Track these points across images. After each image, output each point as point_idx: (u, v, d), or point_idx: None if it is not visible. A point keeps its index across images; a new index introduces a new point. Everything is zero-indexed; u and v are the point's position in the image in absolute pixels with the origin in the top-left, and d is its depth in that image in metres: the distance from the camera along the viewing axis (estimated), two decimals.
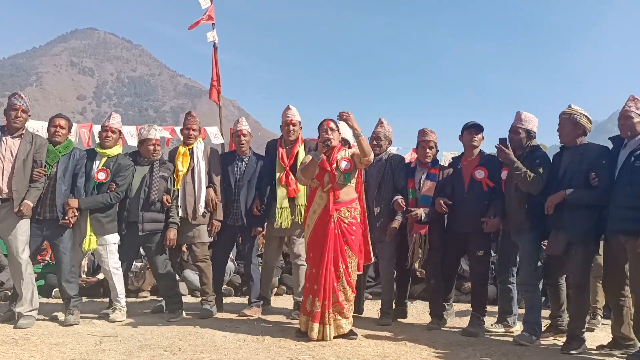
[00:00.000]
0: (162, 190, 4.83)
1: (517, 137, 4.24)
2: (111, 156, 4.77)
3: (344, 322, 4.10)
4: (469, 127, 4.57)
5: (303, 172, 4.20)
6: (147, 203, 4.76)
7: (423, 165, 4.75)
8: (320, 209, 4.16)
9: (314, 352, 3.70)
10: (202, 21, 8.23)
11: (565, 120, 4.00)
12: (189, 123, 5.13)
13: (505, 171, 4.25)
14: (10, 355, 3.48)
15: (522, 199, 4.13)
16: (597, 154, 3.85)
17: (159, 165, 4.88)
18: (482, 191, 4.41)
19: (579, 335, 3.89)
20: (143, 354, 3.55)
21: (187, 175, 5.00)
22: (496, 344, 4.13)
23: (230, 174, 5.12)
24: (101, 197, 4.64)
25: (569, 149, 4.01)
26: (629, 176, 3.59)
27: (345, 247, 4.11)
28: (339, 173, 4.16)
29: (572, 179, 3.86)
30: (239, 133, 5.19)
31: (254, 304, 5.11)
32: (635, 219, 3.51)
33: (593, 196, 3.78)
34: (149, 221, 4.79)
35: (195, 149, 5.08)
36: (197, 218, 4.95)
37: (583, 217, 3.79)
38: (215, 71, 8.39)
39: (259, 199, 5.07)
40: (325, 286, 4.01)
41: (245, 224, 5.07)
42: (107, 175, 4.67)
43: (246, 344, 3.89)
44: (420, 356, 3.70)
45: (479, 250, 4.45)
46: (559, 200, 3.83)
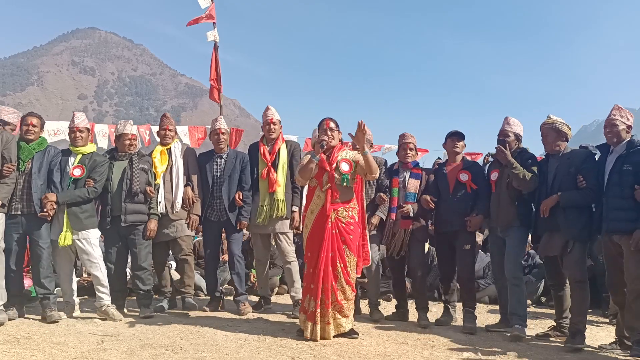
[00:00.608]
0: (143, 182, 4.93)
1: (507, 140, 4.53)
2: (85, 153, 4.84)
3: (344, 321, 4.09)
4: (451, 135, 4.91)
5: (301, 172, 4.19)
6: (130, 194, 4.86)
7: (405, 166, 5.01)
8: (318, 208, 4.16)
9: (315, 352, 3.70)
10: (202, 20, 8.24)
11: (548, 129, 4.29)
12: (164, 124, 5.32)
13: (496, 172, 4.57)
14: (12, 354, 3.48)
15: (512, 198, 4.41)
16: (583, 158, 4.15)
17: (138, 158, 5.02)
18: (466, 192, 4.74)
19: (582, 330, 4.02)
20: (144, 353, 3.56)
21: (166, 174, 5.16)
22: (497, 343, 4.13)
23: (208, 172, 5.26)
24: (79, 191, 4.68)
25: (554, 156, 4.28)
26: (619, 179, 3.82)
27: (344, 246, 4.11)
28: (338, 174, 4.16)
29: (562, 183, 4.14)
30: (217, 131, 5.31)
31: (241, 296, 5.19)
32: (627, 218, 3.74)
33: (582, 197, 4.06)
34: (132, 212, 4.88)
35: (173, 149, 5.25)
36: (176, 213, 5.12)
37: (576, 218, 4.05)
38: (216, 70, 8.40)
39: (240, 191, 5.18)
40: (321, 285, 4.01)
41: (229, 218, 5.15)
42: (82, 172, 4.74)
43: (247, 343, 3.89)
44: (422, 355, 3.70)
45: (465, 245, 4.72)
46: (553, 204, 4.09)
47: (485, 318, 5.14)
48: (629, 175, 3.78)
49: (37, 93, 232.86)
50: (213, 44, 8.42)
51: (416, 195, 4.87)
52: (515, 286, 4.42)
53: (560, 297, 4.39)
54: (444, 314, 4.93)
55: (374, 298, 5.09)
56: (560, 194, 4.08)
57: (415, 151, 5.10)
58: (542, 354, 3.83)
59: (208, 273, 5.39)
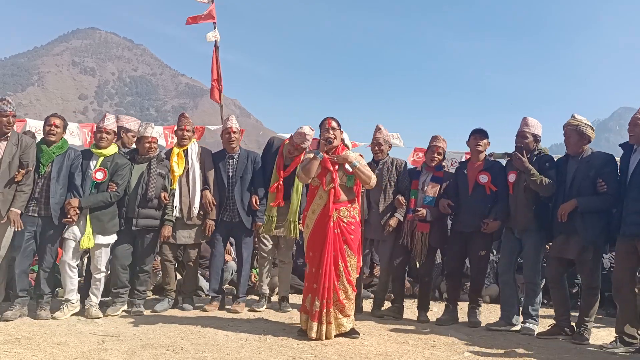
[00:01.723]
0: (159, 187, 4.91)
1: (525, 141, 4.50)
2: (107, 155, 4.81)
3: (345, 321, 4.09)
4: (474, 132, 4.89)
5: (304, 170, 4.19)
6: (144, 200, 4.85)
7: (428, 169, 5.01)
8: (319, 208, 4.16)
9: (316, 351, 3.70)
10: (201, 20, 8.21)
11: (572, 131, 4.22)
12: (182, 124, 5.20)
13: (513, 174, 4.52)
14: (13, 354, 3.48)
15: (530, 201, 4.39)
16: (604, 161, 4.07)
17: (156, 163, 4.98)
18: (485, 194, 4.69)
19: (588, 328, 4.16)
20: (145, 353, 3.56)
21: (182, 177, 5.08)
22: (498, 342, 4.13)
23: (222, 172, 5.19)
24: (101, 195, 4.69)
25: (574, 158, 4.23)
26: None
27: (345, 246, 4.11)
28: (341, 174, 4.16)
29: (580, 186, 4.09)
30: (229, 130, 5.22)
31: (240, 299, 5.21)
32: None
33: (602, 202, 4.00)
34: (144, 217, 4.87)
35: (190, 151, 5.16)
36: (192, 219, 5.07)
37: (594, 223, 4.01)
38: (217, 70, 8.39)
39: (255, 193, 5.14)
40: (325, 285, 4.01)
41: (242, 220, 5.12)
42: (105, 175, 4.73)
43: (248, 343, 3.89)
44: (423, 355, 3.70)
45: (481, 250, 4.74)
46: (571, 209, 4.06)
47: (485, 317, 5.13)
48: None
49: (38, 93, 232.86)
50: (214, 44, 8.41)
51: (434, 199, 4.86)
52: (532, 291, 4.51)
53: (561, 296, 4.39)
54: (446, 313, 4.93)
55: (379, 299, 5.17)
56: (578, 198, 4.04)
57: (444, 156, 5.08)
58: (543, 353, 3.83)
59: (214, 271, 5.26)
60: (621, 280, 3.94)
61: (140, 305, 4.94)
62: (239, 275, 5.30)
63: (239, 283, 5.28)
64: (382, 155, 5.11)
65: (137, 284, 4.98)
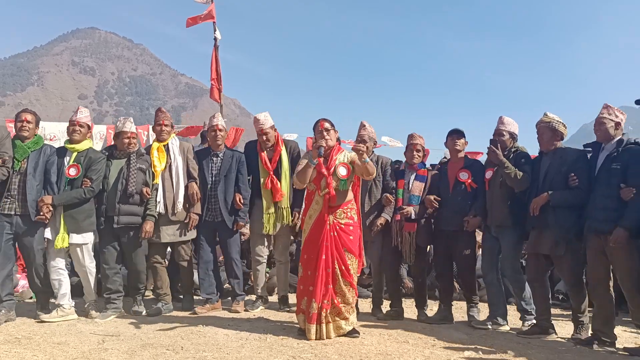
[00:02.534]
0: (140, 183, 4.79)
1: (502, 139, 4.58)
2: (81, 151, 4.69)
3: (343, 323, 4.07)
4: (451, 133, 4.94)
5: (298, 176, 4.15)
6: (125, 195, 4.72)
7: (411, 167, 5.00)
8: (316, 213, 4.14)
9: (316, 351, 3.70)
10: (200, 20, 8.21)
11: (545, 128, 4.30)
12: (160, 119, 5.09)
13: (490, 171, 4.60)
14: (13, 354, 3.48)
15: (505, 197, 4.45)
16: (576, 157, 4.15)
17: (136, 157, 4.85)
18: (466, 192, 4.76)
19: (585, 322, 4.16)
20: (145, 353, 3.56)
21: (165, 172, 4.98)
22: (498, 342, 4.13)
23: (206, 170, 5.12)
24: (75, 192, 4.56)
25: (547, 154, 4.30)
26: (607, 178, 3.84)
27: (343, 249, 4.07)
28: (336, 179, 4.13)
29: (553, 181, 4.16)
30: (215, 128, 5.15)
31: (239, 297, 5.20)
32: (611, 218, 3.76)
33: (573, 196, 4.06)
34: (126, 214, 4.74)
35: (171, 145, 5.05)
36: (177, 214, 4.96)
37: (566, 217, 4.07)
38: (216, 70, 8.40)
39: (240, 193, 5.08)
40: (320, 288, 3.99)
41: (224, 219, 5.06)
42: (78, 171, 4.59)
43: (248, 343, 3.89)
44: (423, 354, 3.70)
45: (465, 250, 4.78)
46: (543, 202, 4.12)
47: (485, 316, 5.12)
48: (617, 175, 3.79)
49: (38, 93, 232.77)
50: (213, 44, 8.41)
51: (420, 197, 4.88)
52: (518, 288, 4.58)
53: (542, 294, 4.39)
54: (437, 312, 4.96)
55: (377, 299, 5.18)
56: (550, 192, 4.10)
57: (423, 152, 5.07)
58: (543, 352, 3.83)
59: (203, 273, 5.17)
60: (596, 278, 3.99)
61: (140, 304, 4.91)
62: (233, 274, 5.21)
63: (235, 282, 5.22)
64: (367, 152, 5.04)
65: (132, 284, 4.91)
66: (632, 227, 3.69)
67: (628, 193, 3.71)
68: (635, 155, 3.76)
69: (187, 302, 5.20)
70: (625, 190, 3.73)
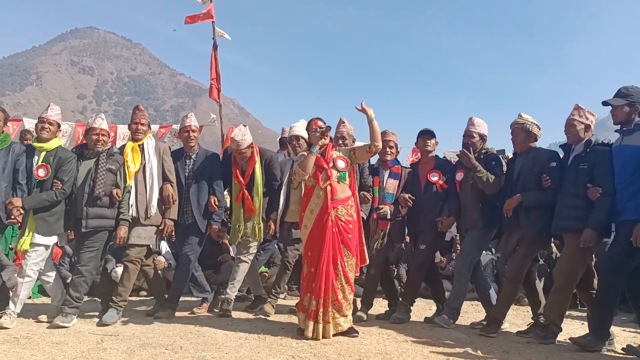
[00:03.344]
0: (109, 184, 4.46)
1: (472, 140, 4.60)
2: (50, 150, 4.42)
3: (342, 321, 4.09)
4: (422, 134, 4.93)
5: (301, 166, 4.18)
6: (92, 198, 4.39)
7: (384, 165, 4.97)
8: (318, 208, 4.15)
9: (315, 350, 3.70)
10: (199, 19, 8.21)
11: (519, 129, 4.33)
12: (137, 117, 4.83)
13: (461, 173, 4.63)
14: (12, 354, 3.48)
15: (476, 199, 4.49)
16: (548, 157, 4.20)
17: (106, 158, 4.51)
18: (436, 193, 4.74)
19: (500, 320, 4.30)
20: (144, 353, 3.55)
21: (139, 173, 4.70)
22: (498, 342, 4.13)
23: (180, 172, 4.93)
24: (46, 194, 4.30)
25: (521, 155, 4.34)
26: (575, 177, 3.91)
27: (342, 246, 4.10)
28: (335, 171, 4.17)
29: (525, 181, 4.20)
30: (188, 128, 4.97)
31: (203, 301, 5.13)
32: (577, 217, 3.83)
33: (545, 196, 4.09)
34: (94, 217, 4.41)
35: (146, 145, 4.78)
36: (150, 218, 4.68)
37: (539, 217, 4.11)
38: (216, 69, 8.39)
39: (214, 195, 4.93)
40: (322, 284, 4.00)
41: (196, 221, 4.88)
42: (47, 172, 4.34)
43: (247, 342, 3.89)
44: (422, 354, 3.70)
45: (422, 244, 4.78)
46: (516, 204, 4.16)
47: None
48: (584, 174, 3.86)
49: (36, 93, 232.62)
50: (213, 43, 8.41)
51: (394, 195, 4.84)
52: (458, 281, 4.62)
53: (533, 293, 4.51)
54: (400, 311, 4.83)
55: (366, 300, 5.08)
56: (522, 194, 4.15)
57: (396, 149, 5.01)
58: (543, 352, 3.83)
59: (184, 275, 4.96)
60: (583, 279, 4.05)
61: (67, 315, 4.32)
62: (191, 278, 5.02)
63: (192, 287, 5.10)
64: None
65: (69, 288, 4.45)
66: (599, 227, 3.77)
67: (594, 193, 3.78)
68: (602, 156, 3.84)
69: (157, 307, 4.97)
70: (592, 190, 3.80)
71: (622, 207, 3.70)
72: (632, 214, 3.63)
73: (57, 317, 4.32)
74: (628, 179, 3.69)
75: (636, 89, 3.88)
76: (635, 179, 3.66)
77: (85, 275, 4.41)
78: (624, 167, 3.72)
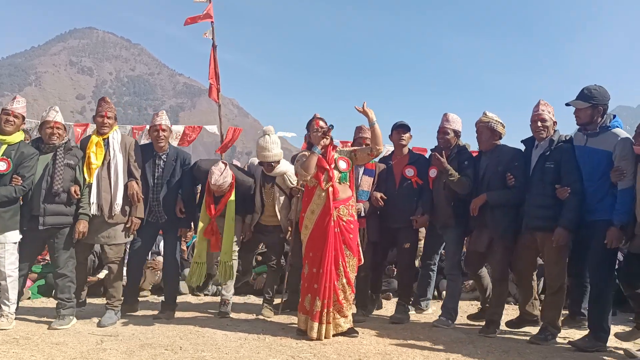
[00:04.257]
0: (67, 180, 4.33)
1: (447, 137, 4.62)
2: (12, 144, 4.25)
3: (342, 321, 4.10)
4: (397, 127, 4.88)
5: (303, 167, 4.17)
6: (50, 194, 4.25)
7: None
8: (319, 208, 4.16)
9: (315, 350, 3.70)
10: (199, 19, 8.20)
11: (483, 128, 4.38)
12: (103, 110, 4.57)
13: (434, 169, 4.63)
14: (12, 354, 3.48)
15: (449, 198, 4.54)
16: (512, 156, 4.26)
17: (63, 152, 4.37)
18: (412, 188, 4.75)
19: (497, 320, 4.36)
20: (144, 353, 3.55)
21: (103, 169, 4.49)
22: (497, 342, 4.13)
23: (148, 173, 4.72)
24: (4, 189, 4.12)
25: (485, 154, 4.42)
26: (541, 176, 3.96)
27: (344, 246, 4.11)
28: (337, 172, 4.18)
29: (490, 180, 4.28)
30: (157, 127, 4.70)
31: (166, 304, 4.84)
32: (547, 216, 3.91)
33: (510, 195, 4.18)
34: (52, 214, 4.28)
35: (111, 140, 4.55)
36: (114, 216, 4.49)
37: (503, 216, 4.21)
38: (215, 70, 8.38)
39: (182, 200, 4.80)
40: (326, 285, 4.01)
41: (169, 219, 4.76)
42: (8, 166, 4.16)
43: (247, 343, 3.88)
44: (422, 354, 3.70)
45: (405, 243, 4.79)
46: (481, 203, 4.26)
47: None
48: (550, 173, 3.92)
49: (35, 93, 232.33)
50: (211, 43, 8.40)
51: (369, 193, 4.81)
52: (452, 282, 4.71)
53: (479, 282, 4.75)
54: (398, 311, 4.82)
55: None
56: (487, 193, 4.23)
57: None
58: (542, 352, 3.83)
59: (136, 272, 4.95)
60: (525, 271, 4.28)
61: (64, 317, 4.32)
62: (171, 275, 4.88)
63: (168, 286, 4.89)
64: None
65: (57, 292, 4.41)
66: (570, 226, 3.86)
67: (564, 193, 3.85)
68: (566, 154, 3.91)
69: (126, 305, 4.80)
70: (561, 190, 3.86)
71: (593, 207, 3.83)
72: (605, 214, 3.76)
73: (54, 322, 4.31)
74: (597, 181, 3.83)
75: (600, 89, 3.92)
76: (605, 181, 3.80)
77: (69, 276, 4.40)
78: (594, 170, 3.84)
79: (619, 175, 3.69)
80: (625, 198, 3.67)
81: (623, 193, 3.69)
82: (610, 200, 3.76)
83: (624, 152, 3.71)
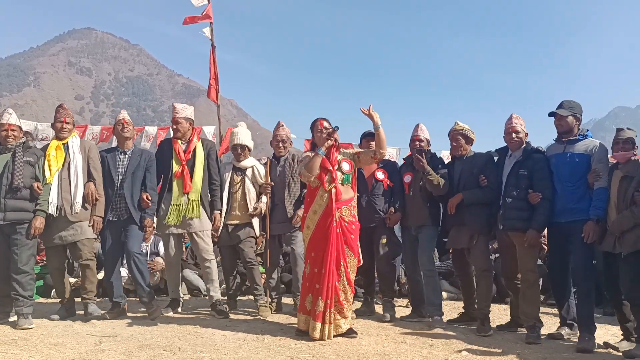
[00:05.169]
0: (28, 176, 4.47)
1: (421, 144, 4.92)
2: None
3: (342, 322, 4.10)
4: (365, 135, 5.19)
5: (307, 168, 4.19)
6: (11, 189, 4.40)
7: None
8: (321, 209, 4.17)
9: (314, 351, 3.70)
10: (199, 20, 8.22)
11: (458, 134, 4.74)
12: (62, 116, 4.81)
13: (409, 175, 4.95)
14: (10, 355, 3.47)
15: (425, 200, 4.85)
16: (485, 160, 4.66)
17: (22, 150, 4.55)
18: (382, 190, 5.06)
19: (487, 314, 4.50)
20: (143, 354, 3.55)
21: (63, 170, 4.69)
22: (496, 342, 4.14)
23: (112, 168, 4.90)
24: None
25: (459, 159, 4.77)
26: (515, 182, 4.29)
27: (345, 246, 4.13)
28: (340, 174, 4.21)
29: (466, 182, 4.62)
30: (122, 122, 4.98)
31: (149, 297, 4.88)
32: (521, 218, 4.23)
33: (484, 194, 4.53)
34: (13, 210, 4.40)
35: (70, 144, 4.77)
36: (77, 214, 4.65)
37: (479, 213, 4.53)
38: (214, 70, 8.39)
39: (146, 190, 4.90)
40: (328, 285, 4.02)
41: (131, 216, 4.84)
42: None
43: (246, 343, 3.88)
44: (421, 354, 3.70)
45: (382, 238, 4.98)
46: (458, 201, 4.58)
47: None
48: (524, 179, 4.26)
49: (34, 94, 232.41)
50: (211, 44, 8.41)
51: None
52: (429, 277, 4.85)
53: (467, 284, 4.88)
54: (386, 309, 5.00)
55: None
56: (463, 192, 4.57)
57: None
58: (541, 352, 3.84)
59: (107, 276, 4.92)
60: (510, 271, 4.54)
61: (28, 317, 4.38)
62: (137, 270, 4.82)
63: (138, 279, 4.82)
64: (284, 151, 5.24)
65: (19, 289, 4.41)
66: (540, 228, 4.24)
67: (535, 198, 4.19)
68: (538, 163, 4.27)
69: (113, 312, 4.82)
70: (533, 195, 4.20)
71: (571, 207, 4.12)
72: (583, 214, 4.05)
73: (19, 321, 4.35)
74: (576, 182, 4.13)
75: (576, 102, 4.32)
76: (583, 183, 4.12)
77: (31, 273, 4.51)
78: (573, 171, 4.15)
79: (595, 176, 4.05)
80: (601, 195, 4.00)
81: (599, 191, 4.03)
82: (588, 202, 4.07)
83: (600, 156, 4.12)
